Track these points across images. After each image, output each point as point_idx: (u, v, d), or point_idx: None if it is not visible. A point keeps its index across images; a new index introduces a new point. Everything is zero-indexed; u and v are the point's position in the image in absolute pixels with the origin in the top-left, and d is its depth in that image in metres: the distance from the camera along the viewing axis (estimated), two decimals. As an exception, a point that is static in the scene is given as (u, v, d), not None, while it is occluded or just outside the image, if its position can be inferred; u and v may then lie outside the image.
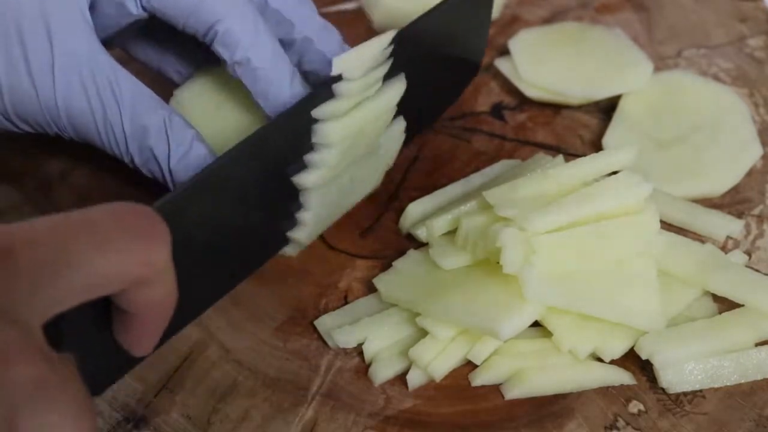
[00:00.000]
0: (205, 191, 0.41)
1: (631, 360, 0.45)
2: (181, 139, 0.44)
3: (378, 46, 0.44)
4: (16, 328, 0.28)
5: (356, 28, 0.63)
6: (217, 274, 0.46)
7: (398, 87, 0.47)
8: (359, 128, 0.45)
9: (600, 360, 0.45)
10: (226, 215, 0.44)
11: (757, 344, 0.45)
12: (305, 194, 0.46)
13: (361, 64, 0.43)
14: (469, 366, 0.46)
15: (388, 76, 0.46)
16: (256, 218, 0.46)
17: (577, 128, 0.58)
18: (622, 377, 0.45)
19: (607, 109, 0.58)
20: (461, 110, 0.59)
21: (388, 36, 0.44)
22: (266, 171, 0.44)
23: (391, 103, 0.47)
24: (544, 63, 0.59)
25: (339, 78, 0.43)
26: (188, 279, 0.36)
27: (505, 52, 0.61)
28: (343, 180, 0.47)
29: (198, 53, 0.52)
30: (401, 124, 0.50)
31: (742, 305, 0.46)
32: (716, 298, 0.47)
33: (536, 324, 0.45)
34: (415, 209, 0.51)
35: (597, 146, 0.56)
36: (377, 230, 0.53)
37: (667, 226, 0.51)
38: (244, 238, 0.46)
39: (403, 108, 0.49)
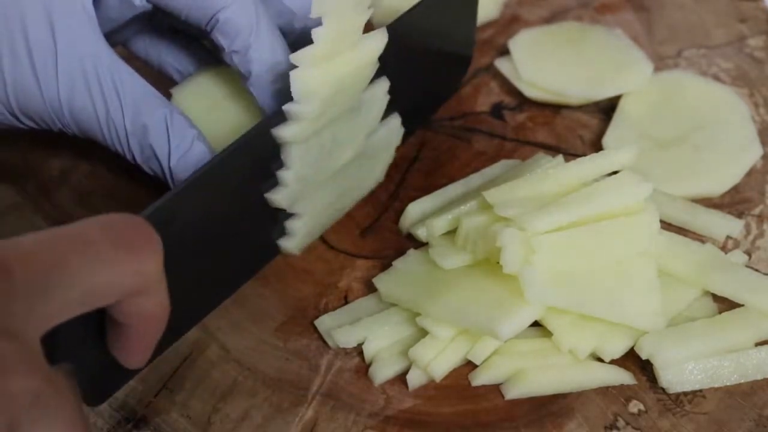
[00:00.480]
0: (195, 195, 0.41)
1: (631, 360, 0.45)
2: (182, 137, 0.44)
3: None
4: (14, 342, 0.28)
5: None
6: (212, 280, 0.46)
7: (379, 39, 0.46)
8: (339, 79, 0.44)
9: (600, 360, 0.45)
10: (216, 217, 0.43)
11: (757, 344, 0.45)
12: (286, 149, 0.45)
13: (340, 7, 0.42)
14: (469, 366, 0.46)
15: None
16: (246, 213, 0.46)
17: (577, 128, 0.58)
18: (622, 377, 0.45)
19: (607, 109, 0.58)
20: (461, 110, 0.59)
21: None
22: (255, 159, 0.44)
23: (372, 56, 0.46)
24: (544, 63, 0.59)
25: (319, 23, 0.42)
26: (183, 286, 0.36)
27: (505, 52, 0.61)
28: (324, 138, 0.46)
29: (198, 52, 0.52)
30: (396, 119, 0.50)
31: (742, 305, 0.46)
32: (716, 298, 0.47)
33: (536, 324, 0.45)
34: (415, 209, 0.51)
35: (597, 146, 0.56)
36: (377, 230, 0.53)
37: (667, 226, 0.51)
38: (236, 239, 0.46)
39: (396, 101, 0.48)
